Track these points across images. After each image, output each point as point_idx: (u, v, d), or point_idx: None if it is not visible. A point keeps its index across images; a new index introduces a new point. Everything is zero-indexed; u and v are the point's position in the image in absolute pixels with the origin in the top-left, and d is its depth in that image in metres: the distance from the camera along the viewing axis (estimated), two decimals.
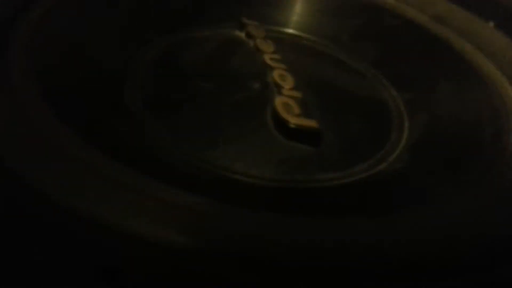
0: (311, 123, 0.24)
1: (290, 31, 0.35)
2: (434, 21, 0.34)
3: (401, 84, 0.31)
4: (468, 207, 0.20)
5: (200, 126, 0.24)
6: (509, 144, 0.24)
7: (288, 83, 0.27)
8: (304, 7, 0.37)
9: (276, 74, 0.27)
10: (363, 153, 0.25)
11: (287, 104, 0.25)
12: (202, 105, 0.25)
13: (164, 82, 0.27)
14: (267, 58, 0.29)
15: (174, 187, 0.17)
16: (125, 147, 0.21)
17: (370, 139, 0.26)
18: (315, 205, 0.22)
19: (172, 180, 0.19)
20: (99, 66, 0.26)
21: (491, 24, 0.34)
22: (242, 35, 0.32)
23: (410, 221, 0.18)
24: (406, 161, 0.25)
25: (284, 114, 0.24)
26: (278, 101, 0.25)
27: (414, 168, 0.24)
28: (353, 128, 0.26)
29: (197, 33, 0.32)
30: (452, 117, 0.28)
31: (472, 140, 0.25)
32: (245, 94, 0.27)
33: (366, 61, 0.33)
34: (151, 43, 0.29)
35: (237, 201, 0.19)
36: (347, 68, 0.33)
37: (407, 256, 0.17)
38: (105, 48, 0.27)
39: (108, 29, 0.28)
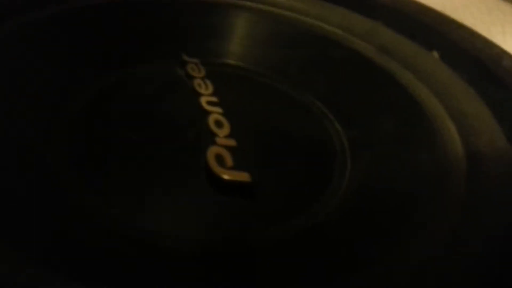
0: (243, 176, 0.23)
1: (234, 63, 0.34)
2: (380, 52, 0.34)
3: (346, 119, 0.31)
4: (409, 266, 0.20)
5: (127, 186, 0.23)
6: (448, 189, 0.24)
7: (223, 130, 0.26)
8: (250, 38, 0.36)
9: (211, 120, 0.26)
10: (300, 204, 0.24)
11: (220, 155, 0.24)
12: (132, 160, 0.24)
13: (93, 133, 0.26)
14: (203, 101, 0.28)
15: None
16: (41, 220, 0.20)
17: (308, 188, 0.25)
18: (249, 269, 0.21)
19: (88, 258, 0.18)
20: (19, 116, 0.24)
21: (436, 54, 0.33)
22: (182, 73, 0.31)
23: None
24: (344, 211, 0.24)
25: (216, 168, 0.23)
26: (211, 152, 0.24)
27: (352, 220, 0.23)
28: (291, 176, 0.26)
29: (135, 72, 0.31)
30: (393, 157, 0.27)
31: (413, 185, 0.25)
32: (178, 144, 0.25)
33: (312, 94, 0.33)
34: (82, 86, 0.28)
35: (162, 275, 0.18)
36: (291, 102, 0.32)
37: None
38: (26, 94, 0.25)
39: (29, 70, 0.26)
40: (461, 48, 0.33)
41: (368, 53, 0.34)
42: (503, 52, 0.31)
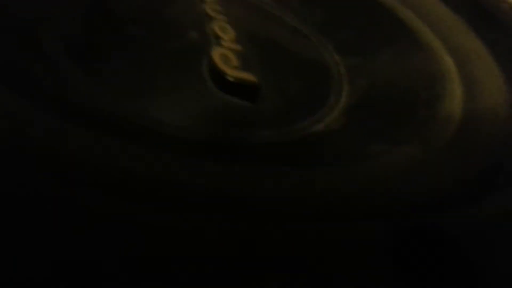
0: (249, 77, 0.23)
1: None
2: None
3: (344, 49, 0.31)
4: (397, 164, 0.20)
5: (128, 75, 0.22)
6: (441, 109, 0.25)
7: (228, 35, 0.25)
8: None
9: (216, 25, 0.26)
10: (300, 112, 0.24)
11: (225, 55, 0.23)
12: (132, 53, 0.23)
13: (91, 27, 0.24)
14: (208, 7, 0.27)
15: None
16: (44, 97, 0.19)
17: (308, 100, 0.25)
18: (245, 160, 0.21)
19: (91, 132, 0.17)
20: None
21: None
22: None
23: (341, 173, 0.18)
24: (342, 122, 0.24)
25: (222, 66, 0.23)
26: (216, 52, 0.23)
27: (350, 129, 0.24)
28: (292, 87, 0.26)
29: None
30: (389, 83, 0.28)
31: (407, 105, 0.26)
32: (180, 43, 0.25)
33: (311, 24, 0.33)
34: None
35: (163, 154, 0.18)
36: (291, 29, 0.32)
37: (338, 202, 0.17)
38: None
39: None
40: None
41: None
42: None
